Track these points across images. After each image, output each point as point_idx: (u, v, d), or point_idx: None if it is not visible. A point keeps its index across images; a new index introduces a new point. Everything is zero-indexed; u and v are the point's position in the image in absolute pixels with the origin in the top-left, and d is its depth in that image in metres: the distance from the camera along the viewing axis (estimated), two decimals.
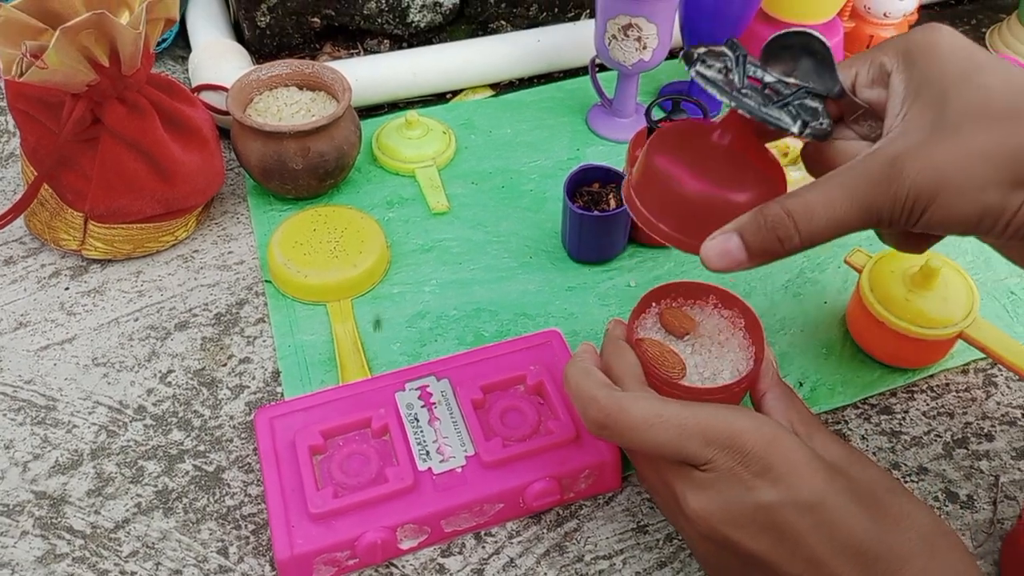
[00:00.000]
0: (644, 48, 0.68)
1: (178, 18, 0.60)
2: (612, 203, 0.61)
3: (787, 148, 0.65)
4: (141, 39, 0.56)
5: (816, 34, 0.39)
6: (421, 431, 0.50)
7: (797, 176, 0.65)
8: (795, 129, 0.37)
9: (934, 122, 0.35)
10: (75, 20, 0.52)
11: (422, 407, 0.51)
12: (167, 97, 0.61)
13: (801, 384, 0.56)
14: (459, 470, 0.48)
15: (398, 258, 0.65)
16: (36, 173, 0.62)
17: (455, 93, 0.82)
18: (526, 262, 0.64)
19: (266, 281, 0.62)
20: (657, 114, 0.59)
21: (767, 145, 0.43)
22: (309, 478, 0.47)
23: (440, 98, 0.81)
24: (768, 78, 0.40)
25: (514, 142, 0.76)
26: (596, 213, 0.60)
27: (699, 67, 0.39)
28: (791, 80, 0.40)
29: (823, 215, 0.36)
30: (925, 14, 0.88)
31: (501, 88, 0.83)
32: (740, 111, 0.38)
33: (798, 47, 0.40)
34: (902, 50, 0.38)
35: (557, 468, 0.48)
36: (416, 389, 0.52)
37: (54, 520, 0.49)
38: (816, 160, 0.41)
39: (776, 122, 0.37)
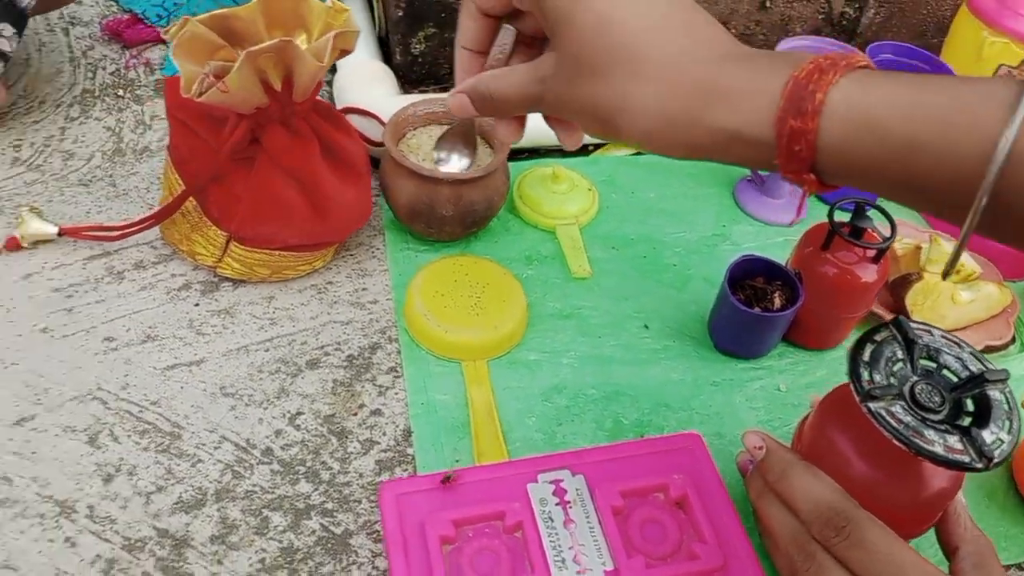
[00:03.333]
0: None
1: (354, 49, 0.57)
2: (777, 302, 0.58)
3: (960, 266, 0.61)
4: (323, 72, 0.54)
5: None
6: (556, 533, 0.47)
7: (967, 296, 0.61)
8: (980, 466, 0.37)
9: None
10: (261, 45, 0.51)
11: (556, 505, 0.48)
12: (328, 126, 0.59)
13: None
14: None
15: (535, 321, 0.62)
16: (181, 182, 0.60)
17: (598, 146, 0.79)
18: (669, 345, 0.61)
19: (402, 329, 0.60)
20: (839, 216, 0.56)
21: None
22: (440, 574, 0.45)
23: (582, 149, 0.78)
24: (944, 354, 0.42)
25: (657, 208, 0.73)
26: (759, 312, 0.57)
27: (872, 405, 0.39)
28: (963, 349, 0.42)
29: None
30: None
31: None
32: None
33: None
34: None
35: None
36: (550, 483, 0.49)
37: (175, 564, 0.47)
38: None
39: (959, 461, 0.37)
